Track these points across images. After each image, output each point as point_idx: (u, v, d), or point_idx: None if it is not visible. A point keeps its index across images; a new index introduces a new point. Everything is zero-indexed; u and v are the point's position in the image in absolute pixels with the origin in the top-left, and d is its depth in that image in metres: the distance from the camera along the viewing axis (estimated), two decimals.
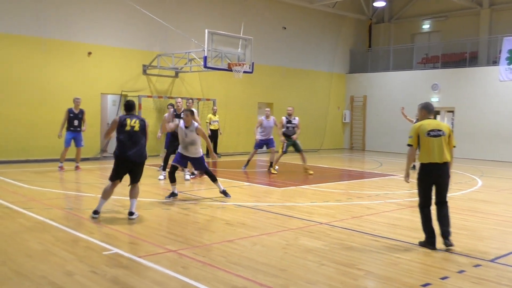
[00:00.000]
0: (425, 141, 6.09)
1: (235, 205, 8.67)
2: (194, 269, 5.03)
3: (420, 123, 6.26)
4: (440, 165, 6.06)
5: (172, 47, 17.84)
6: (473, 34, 22.50)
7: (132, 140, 7.39)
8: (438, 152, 6.04)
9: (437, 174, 6.09)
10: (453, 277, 5.02)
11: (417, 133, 6.16)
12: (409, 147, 6.26)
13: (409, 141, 6.24)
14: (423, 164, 6.15)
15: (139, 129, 7.47)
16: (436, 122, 6.26)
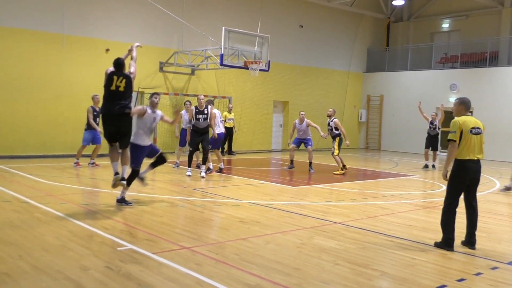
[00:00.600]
0: (468, 138, 5.97)
1: (249, 203, 8.66)
2: (208, 267, 5.03)
3: (463, 119, 6.07)
4: (477, 162, 6.05)
5: (189, 44, 17.91)
6: (493, 33, 22.15)
7: (117, 98, 7.62)
8: (477, 150, 6.03)
9: (474, 171, 6.03)
10: (469, 279, 4.94)
11: (460, 129, 6.00)
12: (452, 143, 6.03)
13: (451, 136, 6.03)
14: (461, 160, 6.00)
15: (124, 89, 7.63)
16: (474, 119, 6.17)
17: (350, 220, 7.56)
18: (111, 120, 7.66)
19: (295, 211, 8.07)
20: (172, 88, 18.25)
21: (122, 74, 7.67)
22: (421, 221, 7.79)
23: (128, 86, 7.65)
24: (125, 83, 7.60)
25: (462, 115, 6.19)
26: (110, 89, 7.58)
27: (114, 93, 7.57)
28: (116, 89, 7.56)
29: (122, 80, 7.59)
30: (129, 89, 7.68)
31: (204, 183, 11.19)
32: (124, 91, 7.60)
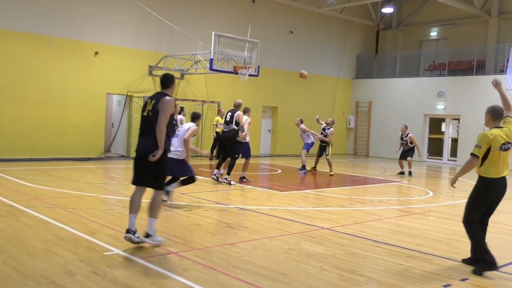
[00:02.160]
0: (496, 155, 5.40)
1: (237, 208, 8.65)
2: (195, 272, 5.01)
3: (494, 133, 5.42)
4: (504, 179, 5.52)
5: (178, 48, 17.90)
6: (480, 42, 22.44)
7: (142, 128, 5.85)
8: (505, 166, 5.49)
9: (501, 189, 5.53)
10: (455, 285, 4.98)
11: (489, 145, 5.39)
12: (473, 157, 5.45)
13: (475, 151, 5.43)
14: (487, 179, 5.46)
15: (153, 113, 5.71)
16: (506, 132, 5.50)
17: (337, 225, 7.58)
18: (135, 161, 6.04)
19: (283, 216, 8.08)
20: None
21: (157, 96, 5.85)
22: (408, 227, 7.83)
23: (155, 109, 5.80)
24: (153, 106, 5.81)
25: (492, 126, 5.55)
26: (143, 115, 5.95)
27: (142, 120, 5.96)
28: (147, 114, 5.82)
29: (152, 102, 5.81)
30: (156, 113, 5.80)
31: (191, 187, 11.14)
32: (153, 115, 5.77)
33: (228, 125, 11.65)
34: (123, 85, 17.18)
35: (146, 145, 5.67)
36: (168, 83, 5.93)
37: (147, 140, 5.68)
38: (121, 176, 13.24)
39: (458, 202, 10.75)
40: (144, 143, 5.71)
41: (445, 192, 12.52)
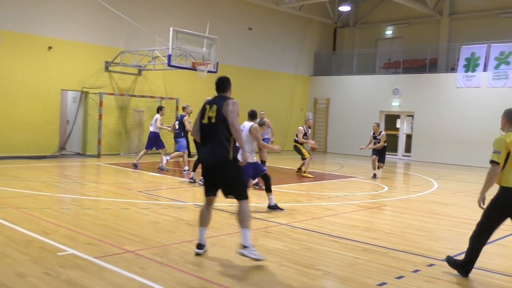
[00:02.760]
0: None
1: (195, 205, 8.61)
2: (152, 270, 4.96)
3: (511, 137, 4.92)
4: None
5: (136, 44, 17.60)
6: (433, 41, 23.16)
7: (205, 136, 5.47)
8: None
9: None
10: (408, 276, 5.13)
11: (507, 149, 4.86)
12: (494, 165, 4.89)
13: (494, 157, 4.89)
14: (507, 188, 4.89)
15: (216, 120, 5.36)
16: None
17: (295, 221, 7.66)
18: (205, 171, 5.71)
19: None
20: (118, 88, 17.86)
21: (218, 101, 5.48)
22: (364, 221, 8.01)
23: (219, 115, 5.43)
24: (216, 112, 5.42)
25: (509, 130, 5.06)
26: (202, 123, 5.52)
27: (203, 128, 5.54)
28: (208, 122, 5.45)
29: (214, 108, 5.43)
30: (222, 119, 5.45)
31: (149, 185, 11.02)
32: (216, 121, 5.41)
33: None
34: (78, 81, 16.76)
35: (217, 154, 5.31)
36: (226, 86, 5.60)
37: (216, 148, 5.31)
38: (76, 174, 12.93)
39: (412, 197, 11.09)
40: (213, 153, 5.34)
41: (399, 187, 12.87)
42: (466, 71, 20.43)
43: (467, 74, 20.41)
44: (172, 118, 18.68)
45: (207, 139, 5.43)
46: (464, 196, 11.62)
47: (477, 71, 20.18)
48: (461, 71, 20.57)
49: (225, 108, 5.30)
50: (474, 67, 20.26)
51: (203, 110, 5.50)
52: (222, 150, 5.30)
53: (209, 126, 5.38)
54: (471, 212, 9.41)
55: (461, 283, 5.05)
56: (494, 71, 19.71)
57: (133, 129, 18.18)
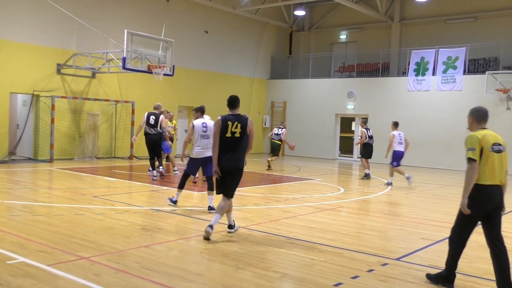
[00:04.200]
0: (489, 157, 4.79)
1: (152, 210, 8.50)
2: (107, 276, 4.87)
3: (482, 133, 4.89)
4: (500, 188, 4.88)
5: (89, 46, 17.23)
6: (385, 46, 23.82)
7: (230, 146, 6.63)
8: (499, 172, 4.84)
9: (497, 199, 4.86)
10: (363, 276, 5.25)
11: (481, 145, 4.80)
12: (472, 163, 4.76)
13: (470, 154, 4.77)
14: (482, 185, 4.79)
15: (240, 134, 6.62)
16: (494, 134, 4.97)
17: (253, 224, 7.69)
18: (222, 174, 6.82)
19: (199, 217, 8.06)
20: (71, 91, 17.41)
21: (239, 118, 6.70)
22: (320, 222, 8.13)
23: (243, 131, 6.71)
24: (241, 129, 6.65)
25: (476, 129, 5.04)
26: (225, 136, 6.64)
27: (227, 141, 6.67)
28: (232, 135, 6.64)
29: (238, 125, 6.64)
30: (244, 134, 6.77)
31: (104, 190, 10.80)
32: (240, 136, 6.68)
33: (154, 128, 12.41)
34: (28, 84, 16.22)
35: (236, 162, 6.62)
36: (236, 104, 6.82)
37: (235, 156, 6.60)
38: (27, 180, 12.50)
39: (367, 198, 11.34)
40: (233, 159, 6.59)
41: (355, 189, 13.13)
42: (417, 75, 21.12)
43: (418, 78, 21.10)
44: (128, 121, 18.42)
45: (229, 149, 6.62)
46: (416, 196, 11.98)
47: (426, 75, 20.89)
48: (412, 75, 21.24)
49: (250, 127, 6.67)
50: (424, 71, 20.97)
51: (225, 125, 6.63)
52: (240, 160, 6.65)
53: (232, 139, 6.61)
54: (422, 211, 9.73)
55: (414, 281, 5.21)
56: (443, 75, 20.46)
57: (87, 133, 17.76)
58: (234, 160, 6.59)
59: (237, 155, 6.59)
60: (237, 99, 6.85)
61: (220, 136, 6.61)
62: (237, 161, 6.61)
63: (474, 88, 19.76)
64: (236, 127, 6.59)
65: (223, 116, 6.74)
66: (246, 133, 6.62)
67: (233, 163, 6.60)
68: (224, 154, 6.61)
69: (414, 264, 5.80)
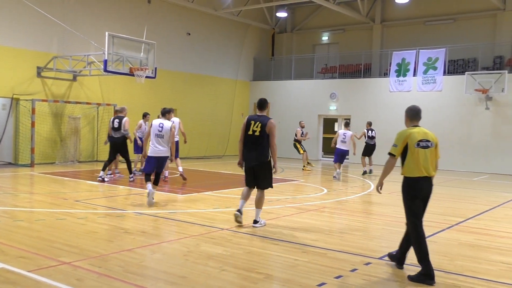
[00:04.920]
0: (415, 153, 5.30)
1: (135, 213, 8.45)
2: (90, 281, 4.82)
3: (409, 131, 5.40)
4: (427, 179, 5.36)
5: (69, 49, 17.06)
6: (367, 47, 24.04)
7: (250, 144, 7.48)
8: (425, 165, 5.33)
9: (424, 190, 5.36)
10: (346, 276, 5.29)
11: (405, 142, 5.34)
12: (390, 157, 5.42)
13: (392, 150, 5.40)
14: (410, 178, 5.35)
15: (259, 133, 7.40)
16: (423, 131, 5.48)
17: (237, 225, 7.69)
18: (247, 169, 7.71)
19: (182, 219, 8.03)
20: (51, 94, 17.21)
21: (261, 118, 7.52)
22: (303, 223, 8.16)
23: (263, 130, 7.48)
24: (260, 128, 7.45)
25: (409, 126, 5.57)
26: (247, 134, 7.52)
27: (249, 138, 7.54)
28: (253, 134, 7.50)
29: (258, 124, 7.45)
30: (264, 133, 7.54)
31: (87, 194, 10.69)
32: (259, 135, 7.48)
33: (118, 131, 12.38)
34: (7, 87, 15.99)
35: (257, 157, 7.40)
36: (264, 106, 7.61)
37: (256, 152, 7.40)
38: (7, 185, 12.31)
39: (350, 198, 11.42)
40: (254, 155, 7.42)
41: (338, 189, 13.21)
42: (398, 76, 21.35)
43: (399, 78, 21.32)
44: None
45: (250, 146, 7.45)
46: (398, 196, 12.08)
47: (407, 76, 21.13)
48: (393, 76, 21.46)
49: (269, 126, 7.38)
50: (405, 72, 21.21)
51: (248, 124, 7.47)
52: (261, 155, 7.41)
53: (253, 137, 7.42)
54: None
55: (397, 280, 5.27)
56: (423, 76, 20.71)
57: (68, 136, 17.55)
58: (255, 156, 7.40)
59: (258, 151, 7.38)
60: (265, 102, 7.63)
61: (245, 133, 7.49)
62: (257, 156, 7.39)
63: (453, 88, 20.07)
64: (257, 126, 7.38)
65: (250, 115, 7.68)
66: (265, 132, 7.34)
67: (253, 158, 7.42)
68: (247, 150, 7.51)
69: None
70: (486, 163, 19.23)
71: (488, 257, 6.27)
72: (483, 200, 11.72)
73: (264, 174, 7.53)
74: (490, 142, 19.27)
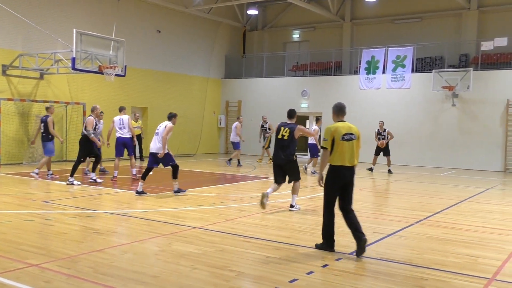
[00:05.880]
0: (340, 145, 6.06)
1: (105, 213, 8.33)
2: (58, 283, 4.73)
3: (336, 126, 6.17)
4: (350, 168, 6.14)
5: (36, 46, 16.65)
6: (337, 45, 24.27)
7: (280, 146, 8.93)
8: (349, 156, 6.09)
9: (346, 176, 6.12)
10: (317, 272, 5.34)
11: (332, 136, 6.10)
12: (324, 150, 6.16)
13: (323, 143, 6.15)
14: (334, 166, 6.12)
15: (288, 137, 8.88)
16: (348, 125, 6.22)
17: (209, 224, 7.67)
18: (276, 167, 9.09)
19: (154, 219, 7.96)
20: (17, 93, 16.78)
21: (289, 125, 9.01)
22: (276, 220, 8.20)
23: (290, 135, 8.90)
24: (288, 133, 8.83)
25: (336, 121, 6.35)
26: (277, 137, 8.99)
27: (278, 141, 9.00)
28: (282, 137, 8.94)
29: (287, 130, 8.89)
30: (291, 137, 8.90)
31: (56, 194, 10.49)
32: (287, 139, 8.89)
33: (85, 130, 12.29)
34: None
35: (284, 156, 8.88)
36: (293, 115, 9.25)
37: (283, 153, 8.88)
38: None
39: (321, 195, 11.50)
40: (282, 155, 8.89)
41: (310, 186, 13.32)
42: (368, 73, 21.63)
43: (369, 76, 21.61)
44: (79, 123, 17.95)
45: (279, 147, 8.94)
46: (366, 191, 12.28)
47: (377, 74, 21.44)
48: (363, 73, 21.73)
49: (296, 131, 8.91)
50: (375, 70, 21.51)
51: (278, 130, 9.03)
52: (288, 155, 8.90)
53: (282, 141, 8.92)
54: (375, 206, 10.00)
55: (367, 274, 5.35)
56: (392, 73, 21.05)
57: (36, 136, 17.13)
58: (282, 156, 8.87)
59: (285, 152, 8.84)
60: (294, 112, 9.34)
61: (276, 137, 8.98)
62: (285, 156, 8.86)
63: (421, 85, 20.47)
64: (285, 131, 8.90)
65: (281, 122, 9.20)
66: (293, 137, 8.86)
67: (281, 157, 8.89)
68: (276, 151, 8.97)
69: (367, 258, 5.95)
70: (452, 159, 19.69)
71: (455, 250, 6.43)
72: (450, 195, 12.00)
73: (292, 170, 8.98)
74: (456, 138, 19.74)
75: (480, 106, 19.41)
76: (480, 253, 6.35)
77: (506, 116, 18.87)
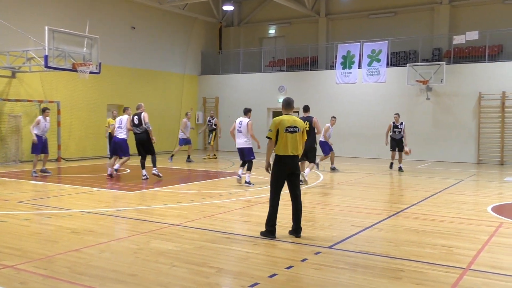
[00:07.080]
0: (283, 136, 6.62)
1: (82, 212, 8.22)
2: (34, 284, 4.65)
3: (281, 118, 6.72)
4: (293, 157, 6.69)
5: (7, 44, 16.28)
6: (313, 40, 24.36)
7: None
8: (292, 146, 6.65)
9: (290, 165, 6.67)
10: (297, 266, 5.37)
11: (277, 128, 6.65)
12: (269, 140, 6.71)
13: (268, 134, 6.70)
14: (278, 156, 6.67)
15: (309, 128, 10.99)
16: (293, 119, 6.77)
17: (187, 221, 7.64)
18: None
19: (132, 217, 7.89)
20: None
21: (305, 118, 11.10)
22: (254, 216, 8.21)
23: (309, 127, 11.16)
24: None
25: (284, 113, 6.91)
26: None
27: None
28: None
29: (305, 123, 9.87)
30: None
31: (30, 194, 10.29)
32: None
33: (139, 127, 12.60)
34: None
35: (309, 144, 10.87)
36: (308, 109, 11.89)
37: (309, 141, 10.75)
38: None
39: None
40: (308, 143, 9.90)
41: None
42: (344, 68, 21.79)
43: (345, 71, 21.77)
44: (54, 122, 17.61)
45: None
46: (346, 186, 12.39)
47: (353, 68, 21.60)
48: (339, 68, 21.88)
49: (314, 123, 11.47)
50: (350, 64, 21.67)
51: None
52: (311, 143, 11.36)
53: None
54: (353, 200, 10.09)
55: (346, 267, 5.40)
56: (368, 68, 21.25)
57: (9, 136, 16.80)
58: (308, 143, 10.23)
59: (308, 140, 9.90)
60: (308, 107, 11.95)
61: None
62: (309, 144, 10.68)
63: (396, 80, 20.72)
64: (306, 124, 10.31)
65: (301, 116, 10.79)
66: (312, 127, 11.31)
67: (307, 145, 10.21)
68: None
69: (346, 251, 6.01)
70: (428, 151, 20.01)
71: (431, 241, 6.54)
72: (425, 187, 12.19)
73: (311, 153, 11.72)
74: (431, 131, 20.05)
75: (453, 99, 19.75)
76: (455, 243, 6.47)
77: (478, 109, 19.25)
